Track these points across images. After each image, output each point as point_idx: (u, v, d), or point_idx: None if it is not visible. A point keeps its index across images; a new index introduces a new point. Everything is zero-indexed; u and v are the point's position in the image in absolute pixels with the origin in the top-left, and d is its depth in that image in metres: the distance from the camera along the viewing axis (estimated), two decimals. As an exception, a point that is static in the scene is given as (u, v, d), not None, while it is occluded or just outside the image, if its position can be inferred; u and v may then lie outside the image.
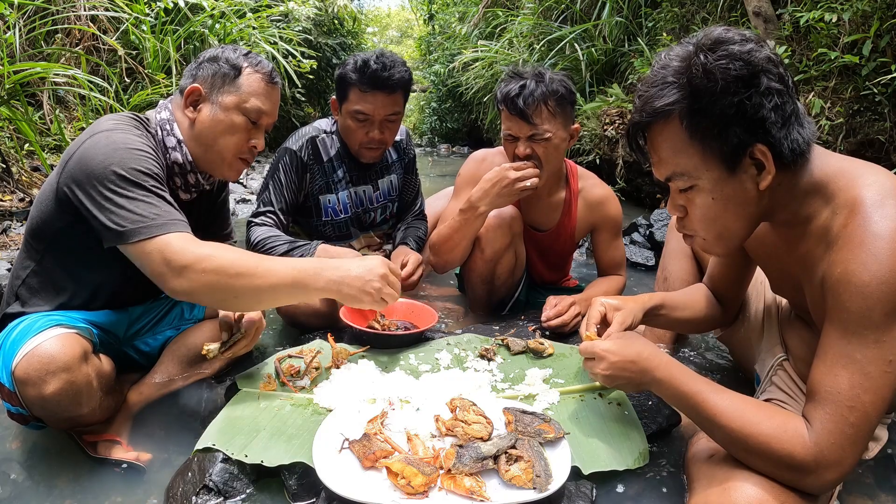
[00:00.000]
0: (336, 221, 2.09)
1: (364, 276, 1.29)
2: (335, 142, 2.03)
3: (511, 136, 1.80)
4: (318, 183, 2.02)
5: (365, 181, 2.11)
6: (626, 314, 1.28)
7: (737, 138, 0.94)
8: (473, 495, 1.01)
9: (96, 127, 1.28)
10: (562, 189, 2.01)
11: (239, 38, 5.49)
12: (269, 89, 1.44)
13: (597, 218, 2.03)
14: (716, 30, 0.97)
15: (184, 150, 1.40)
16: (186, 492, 1.12)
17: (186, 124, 1.41)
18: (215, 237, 1.71)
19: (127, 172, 1.20)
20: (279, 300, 1.32)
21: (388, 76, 1.84)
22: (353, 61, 1.89)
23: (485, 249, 1.88)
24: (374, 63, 1.84)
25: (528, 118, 1.72)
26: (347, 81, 1.88)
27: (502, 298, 2.06)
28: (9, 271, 2.45)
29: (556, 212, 2.02)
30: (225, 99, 1.39)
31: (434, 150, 11.61)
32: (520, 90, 1.72)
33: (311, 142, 1.99)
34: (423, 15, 13.33)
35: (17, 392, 1.15)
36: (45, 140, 3.75)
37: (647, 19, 4.90)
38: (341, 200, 2.07)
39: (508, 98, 1.74)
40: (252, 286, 1.20)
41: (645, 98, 1.01)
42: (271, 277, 1.21)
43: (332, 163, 2.02)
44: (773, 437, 0.92)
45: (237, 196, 4.86)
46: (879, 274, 0.86)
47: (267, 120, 1.46)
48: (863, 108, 2.83)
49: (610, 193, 2.05)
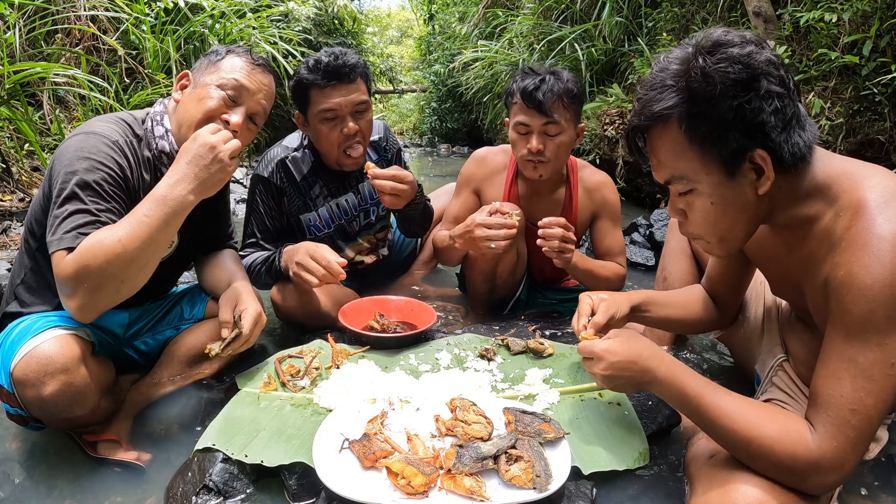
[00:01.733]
0: (320, 237, 2.01)
1: (190, 150, 1.26)
2: (307, 156, 1.96)
3: (525, 126, 1.82)
4: (296, 203, 1.96)
5: (344, 190, 2.04)
6: (611, 304, 1.30)
7: (736, 143, 0.93)
8: (473, 495, 1.01)
9: (79, 128, 1.31)
10: (563, 185, 2.03)
11: (239, 38, 5.48)
12: (250, 68, 1.43)
13: (596, 204, 2.03)
14: (716, 31, 0.96)
15: (170, 138, 1.40)
16: (186, 492, 1.12)
17: (172, 107, 1.43)
18: (216, 237, 1.71)
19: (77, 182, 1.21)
20: (159, 248, 1.25)
21: (343, 64, 1.79)
22: (304, 65, 1.84)
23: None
24: (326, 56, 1.81)
25: (545, 110, 1.76)
26: (305, 84, 1.82)
27: (503, 297, 2.06)
28: (9, 271, 2.45)
29: (557, 208, 2.03)
30: (205, 78, 1.41)
31: (434, 150, 11.61)
32: (539, 83, 1.77)
33: (280, 164, 1.93)
34: (423, 15, 13.33)
35: (15, 393, 1.15)
36: (45, 140, 3.75)
37: (647, 19, 4.90)
38: (322, 216, 2.01)
39: (527, 91, 1.78)
40: (129, 255, 1.16)
41: (644, 101, 1.00)
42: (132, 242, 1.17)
43: (306, 180, 1.96)
44: (775, 440, 0.92)
45: (237, 196, 4.86)
46: (882, 277, 0.86)
47: (249, 102, 1.42)
48: (863, 108, 2.82)
49: (607, 178, 2.05)
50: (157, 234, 1.21)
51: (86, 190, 1.21)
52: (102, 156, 1.26)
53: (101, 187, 1.23)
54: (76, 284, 1.16)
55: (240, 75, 1.41)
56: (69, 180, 1.21)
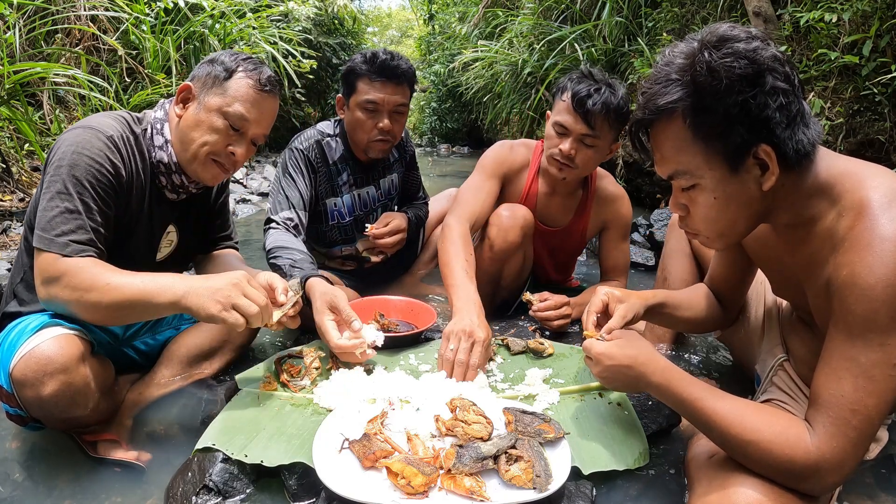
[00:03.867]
0: (342, 225, 2.10)
1: (215, 284, 1.20)
2: (339, 144, 2.05)
3: (564, 128, 1.80)
4: (324, 186, 2.03)
5: (367, 182, 2.13)
6: (628, 308, 1.27)
7: (740, 138, 0.93)
8: (473, 495, 1.01)
9: (77, 123, 1.30)
10: (581, 190, 2.03)
11: (239, 38, 5.48)
12: (257, 97, 1.39)
13: (607, 216, 2.04)
14: (721, 27, 0.95)
15: (169, 150, 1.39)
16: (186, 492, 1.12)
17: (175, 122, 1.40)
18: (216, 238, 1.71)
19: (68, 178, 1.21)
20: (131, 315, 1.25)
21: (396, 65, 1.91)
22: (361, 55, 1.95)
23: (493, 246, 1.88)
24: (383, 54, 1.92)
25: (590, 121, 1.75)
26: (356, 73, 1.93)
27: (506, 299, 2.06)
28: (9, 271, 2.45)
29: (570, 210, 2.04)
30: (210, 100, 1.37)
31: (434, 150, 11.61)
32: (594, 92, 1.74)
33: (317, 144, 2.01)
34: (423, 15, 13.33)
35: (15, 393, 1.15)
36: (45, 140, 3.75)
37: (647, 19, 4.89)
38: (346, 204, 2.09)
39: (579, 96, 1.75)
40: (103, 301, 1.17)
41: (648, 95, 1.00)
42: (115, 293, 1.17)
43: (336, 166, 2.04)
44: (774, 442, 0.92)
45: (237, 196, 4.86)
46: (886, 277, 0.86)
47: (254, 130, 1.41)
48: (863, 108, 2.82)
49: (623, 193, 2.07)
50: (139, 306, 1.19)
51: (77, 186, 1.21)
52: (95, 152, 1.25)
53: (92, 185, 1.23)
54: (51, 287, 1.19)
55: (246, 108, 1.37)
56: (61, 174, 1.21)
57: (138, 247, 1.43)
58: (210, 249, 1.70)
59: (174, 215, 1.51)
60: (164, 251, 1.52)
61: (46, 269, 1.19)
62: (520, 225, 1.86)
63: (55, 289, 1.18)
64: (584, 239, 2.10)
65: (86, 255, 1.20)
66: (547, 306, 1.82)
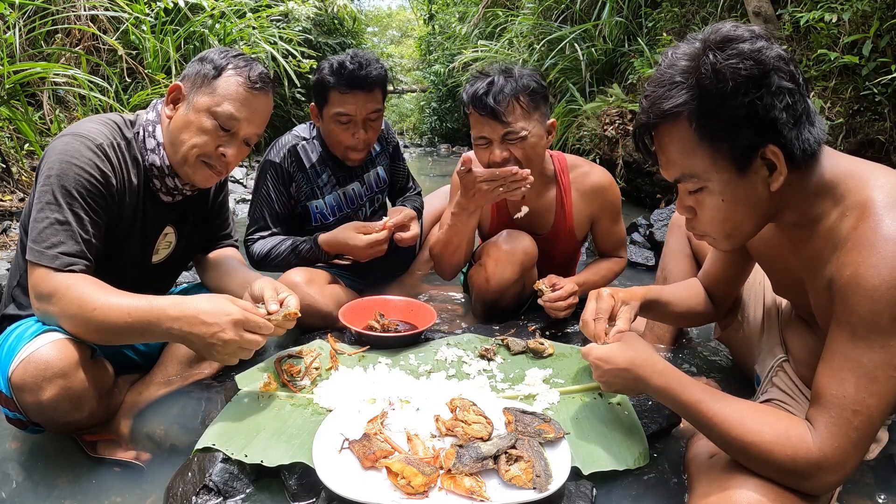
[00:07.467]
0: (326, 226, 2.06)
1: (212, 325, 1.17)
2: (316, 147, 2.03)
3: (484, 139, 1.69)
4: (304, 190, 2.02)
5: (350, 179, 2.11)
6: (631, 311, 1.27)
7: (747, 139, 0.92)
8: (473, 495, 1.01)
9: (66, 129, 1.29)
10: (551, 188, 1.91)
11: (239, 38, 5.48)
12: (248, 95, 1.34)
13: (595, 208, 1.93)
14: (724, 26, 0.94)
15: (162, 153, 1.37)
16: (186, 492, 1.12)
17: (166, 123, 1.38)
18: (216, 236, 1.71)
19: (58, 188, 1.20)
20: (121, 340, 1.25)
21: (366, 74, 1.84)
22: (328, 65, 1.89)
23: (490, 280, 1.82)
24: (350, 63, 1.84)
25: (500, 117, 1.62)
26: (326, 85, 1.87)
27: (507, 307, 2.04)
28: (9, 271, 2.45)
29: (549, 213, 1.93)
30: (199, 100, 1.33)
31: (434, 150, 11.62)
32: (488, 87, 1.62)
33: (292, 151, 1.98)
34: (423, 15, 13.33)
35: (14, 398, 1.15)
36: (45, 140, 3.75)
37: (647, 19, 4.90)
38: (328, 204, 2.06)
39: (477, 97, 1.63)
40: (91, 324, 1.16)
41: (652, 98, 0.98)
42: (102, 318, 1.15)
43: (315, 168, 2.01)
44: (775, 444, 0.92)
45: (237, 196, 4.86)
46: (889, 279, 0.85)
47: (245, 129, 1.36)
48: (863, 108, 2.83)
49: (605, 179, 1.93)
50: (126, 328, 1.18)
51: (66, 197, 1.20)
52: (85, 161, 1.23)
53: (82, 195, 1.22)
54: (42, 304, 1.19)
55: (235, 107, 1.33)
56: (51, 184, 1.20)
57: (134, 250, 1.42)
58: (212, 248, 1.70)
59: (171, 217, 1.49)
60: (162, 253, 1.51)
61: (38, 285, 1.18)
62: (519, 261, 1.78)
63: (46, 306, 1.18)
64: (576, 237, 1.99)
65: (77, 269, 1.19)
66: (558, 296, 1.76)
